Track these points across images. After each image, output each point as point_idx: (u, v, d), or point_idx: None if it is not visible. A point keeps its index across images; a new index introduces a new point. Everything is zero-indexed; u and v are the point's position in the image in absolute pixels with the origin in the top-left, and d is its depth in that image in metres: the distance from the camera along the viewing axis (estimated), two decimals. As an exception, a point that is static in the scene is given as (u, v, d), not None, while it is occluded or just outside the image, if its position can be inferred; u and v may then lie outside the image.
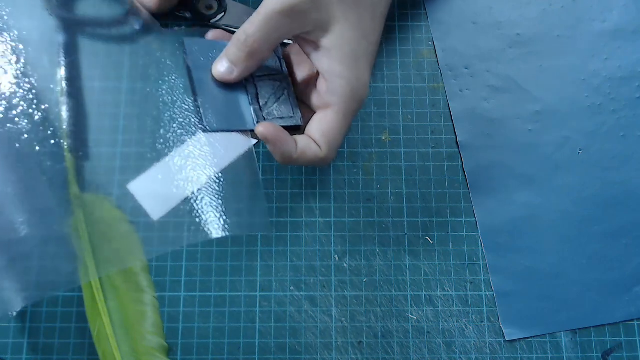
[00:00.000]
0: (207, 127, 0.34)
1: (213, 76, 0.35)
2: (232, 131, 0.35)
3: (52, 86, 0.37)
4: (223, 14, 0.43)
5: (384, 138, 0.44)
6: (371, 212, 0.42)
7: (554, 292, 0.41)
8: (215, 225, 0.34)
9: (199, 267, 0.41)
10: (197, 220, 0.34)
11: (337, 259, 0.41)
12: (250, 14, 0.37)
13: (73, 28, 0.39)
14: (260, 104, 0.36)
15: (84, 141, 0.38)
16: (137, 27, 0.39)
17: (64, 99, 0.37)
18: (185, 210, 0.34)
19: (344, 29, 0.34)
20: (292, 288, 0.41)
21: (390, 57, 0.46)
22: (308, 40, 0.35)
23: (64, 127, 0.37)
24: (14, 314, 0.39)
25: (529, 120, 0.44)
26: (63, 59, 0.38)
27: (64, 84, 0.38)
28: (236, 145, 0.36)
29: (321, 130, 0.35)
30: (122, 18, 0.40)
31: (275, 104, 0.36)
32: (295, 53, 0.39)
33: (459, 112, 0.44)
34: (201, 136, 0.35)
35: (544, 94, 0.45)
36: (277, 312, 0.40)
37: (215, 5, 0.43)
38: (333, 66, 0.35)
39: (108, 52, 0.40)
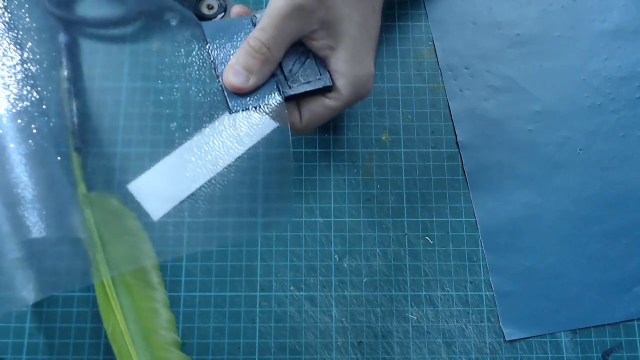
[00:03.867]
0: (233, 109, 0.34)
1: (232, 56, 0.35)
2: (259, 108, 0.34)
3: (55, 86, 0.37)
4: (223, 13, 0.43)
5: (384, 138, 0.44)
6: (371, 212, 0.42)
7: (554, 292, 0.41)
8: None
9: (199, 267, 0.41)
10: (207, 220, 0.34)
11: (337, 259, 0.41)
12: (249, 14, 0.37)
13: (73, 28, 0.39)
14: (285, 72, 0.35)
15: (89, 140, 0.38)
16: (174, 22, 0.39)
17: (67, 99, 0.37)
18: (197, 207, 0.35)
19: (348, 27, 0.35)
20: (292, 288, 0.41)
21: (390, 57, 0.46)
22: (313, 39, 0.35)
23: (70, 126, 0.37)
24: (29, 305, 0.39)
25: (529, 120, 0.44)
26: (65, 59, 0.38)
27: (67, 83, 0.38)
28: (261, 128, 0.36)
29: (311, 110, 0.36)
30: (122, 18, 0.40)
31: (301, 69, 0.36)
32: None
33: (459, 112, 0.44)
34: (211, 126, 0.35)
35: (544, 94, 0.45)
36: (277, 312, 0.40)
37: (216, 5, 0.43)
38: (337, 65, 0.35)
39: (108, 52, 0.40)
